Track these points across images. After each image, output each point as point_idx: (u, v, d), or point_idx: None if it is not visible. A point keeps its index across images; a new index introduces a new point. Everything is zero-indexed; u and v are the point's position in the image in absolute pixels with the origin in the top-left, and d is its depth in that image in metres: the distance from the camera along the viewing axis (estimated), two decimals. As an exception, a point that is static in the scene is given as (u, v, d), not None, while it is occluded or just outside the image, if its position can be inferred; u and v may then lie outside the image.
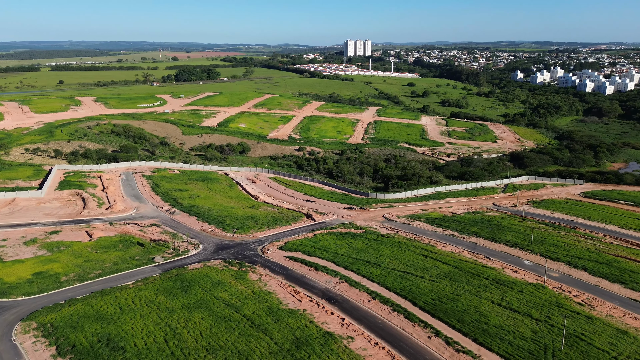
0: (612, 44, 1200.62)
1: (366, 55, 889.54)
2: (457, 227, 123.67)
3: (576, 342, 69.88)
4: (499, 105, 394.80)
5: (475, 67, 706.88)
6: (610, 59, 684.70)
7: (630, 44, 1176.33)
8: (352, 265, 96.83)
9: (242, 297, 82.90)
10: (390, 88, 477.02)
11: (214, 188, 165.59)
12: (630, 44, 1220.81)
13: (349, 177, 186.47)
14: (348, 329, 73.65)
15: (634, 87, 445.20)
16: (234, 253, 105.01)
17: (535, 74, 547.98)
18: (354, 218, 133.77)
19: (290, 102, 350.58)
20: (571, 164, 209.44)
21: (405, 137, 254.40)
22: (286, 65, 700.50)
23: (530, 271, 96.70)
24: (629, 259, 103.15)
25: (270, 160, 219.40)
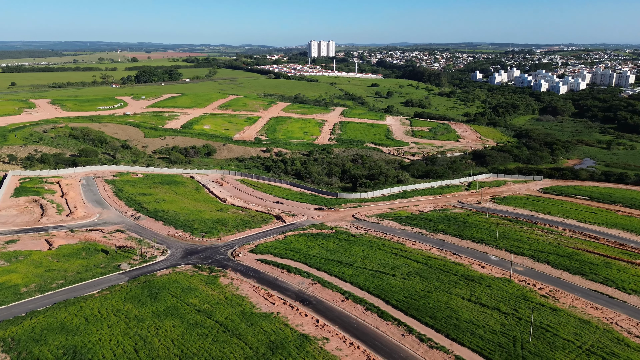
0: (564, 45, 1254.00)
1: (330, 56, 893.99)
2: (425, 225, 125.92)
3: (543, 333, 72.38)
4: (460, 105, 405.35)
5: (437, 67, 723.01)
6: (562, 59, 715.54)
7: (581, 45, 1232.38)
8: (325, 266, 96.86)
9: (214, 302, 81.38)
10: (355, 89, 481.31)
11: (179, 191, 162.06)
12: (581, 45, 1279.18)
13: (318, 177, 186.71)
14: (323, 330, 73.57)
15: (586, 87, 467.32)
16: (203, 258, 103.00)
17: (493, 75, 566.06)
18: (324, 218, 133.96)
19: (255, 103, 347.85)
20: (530, 161, 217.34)
21: (371, 137, 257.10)
22: (250, 66, 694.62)
23: (496, 266, 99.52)
24: (587, 252, 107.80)
25: (236, 162, 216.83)
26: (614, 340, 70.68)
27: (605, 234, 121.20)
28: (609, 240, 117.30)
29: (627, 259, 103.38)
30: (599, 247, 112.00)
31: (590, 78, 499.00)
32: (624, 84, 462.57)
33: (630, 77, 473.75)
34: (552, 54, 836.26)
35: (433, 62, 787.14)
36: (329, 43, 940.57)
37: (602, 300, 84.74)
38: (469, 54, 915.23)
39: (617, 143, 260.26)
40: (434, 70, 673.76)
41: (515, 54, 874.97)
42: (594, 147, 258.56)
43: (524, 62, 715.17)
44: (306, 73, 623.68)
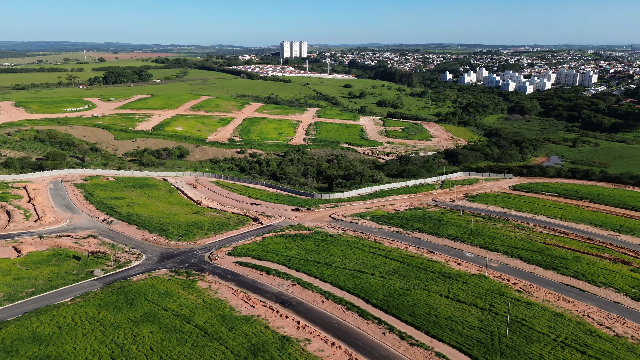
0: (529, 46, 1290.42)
1: (302, 56, 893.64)
2: (402, 224, 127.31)
3: (519, 327, 74.20)
4: (431, 105, 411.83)
5: (408, 68, 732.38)
6: (528, 60, 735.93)
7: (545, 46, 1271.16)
8: (304, 266, 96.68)
9: (193, 306, 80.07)
10: (328, 89, 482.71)
11: (153, 195, 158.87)
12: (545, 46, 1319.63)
13: (293, 178, 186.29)
14: (304, 331, 73.40)
15: (551, 86, 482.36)
16: (180, 261, 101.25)
17: (463, 75, 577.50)
18: (302, 219, 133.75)
19: (228, 104, 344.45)
20: (500, 159, 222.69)
21: (345, 137, 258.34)
22: (222, 66, 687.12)
23: (472, 263, 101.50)
24: (558, 246, 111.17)
25: (210, 164, 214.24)
26: (587, 332, 73.10)
27: (574, 229, 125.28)
28: (578, 235, 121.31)
29: (595, 253, 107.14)
30: (569, 241, 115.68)
31: (555, 78, 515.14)
32: (587, 84, 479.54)
33: (593, 77, 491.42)
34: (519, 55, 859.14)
35: (404, 63, 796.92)
36: (301, 43, 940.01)
37: (574, 293, 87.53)
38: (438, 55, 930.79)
39: (582, 141, 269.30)
40: (405, 70, 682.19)
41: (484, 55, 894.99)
42: (560, 145, 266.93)
43: (491, 62, 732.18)
44: (279, 73, 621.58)
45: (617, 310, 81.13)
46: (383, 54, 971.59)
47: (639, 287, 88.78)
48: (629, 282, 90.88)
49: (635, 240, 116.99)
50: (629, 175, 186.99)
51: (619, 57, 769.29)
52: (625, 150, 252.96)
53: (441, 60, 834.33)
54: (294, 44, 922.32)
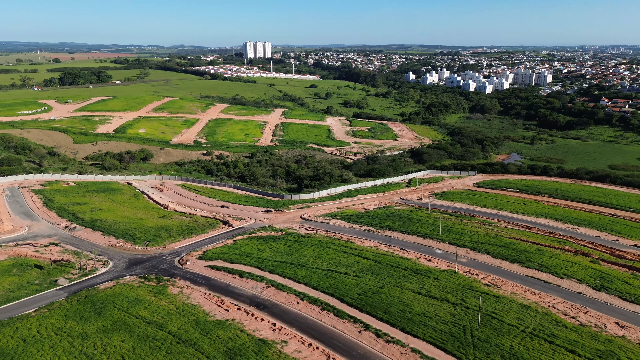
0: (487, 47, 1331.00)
1: (266, 57, 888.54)
2: (372, 223, 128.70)
3: (489, 320, 76.43)
4: (395, 105, 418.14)
5: (371, 69, 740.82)
6: (487, 61, 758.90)
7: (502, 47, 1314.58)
8: (277, 268, 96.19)
9: (165, 313, 78.23)
10: (294, 90, 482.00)
11: (117, 199, 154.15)
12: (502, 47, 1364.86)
13: (262, 179, 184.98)
14: (280, 333, 73.04)
15: (509, 86, 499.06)
16: (149, 267, 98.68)
17: (425, 75, 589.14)
18: (273, 221, 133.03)
19: (192, 105, 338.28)
20: (463, 158, 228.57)
21: (313, 137, 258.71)
22: (184, 67, 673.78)
23: (442, 259, 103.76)
24: (522, 241, 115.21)
25: (176, 167, 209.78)
26: (553, 323, 76.08)
27: (536, 223, 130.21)
28: (540, 229, 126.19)
29: (557, 246, 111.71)
30: (532, 236, 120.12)
31: (513, 78, 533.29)
32: (542, 83, 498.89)
33: (548, 77, 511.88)
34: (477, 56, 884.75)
35: (368, 64, 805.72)
36: (265, 44, 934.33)
37: (539, 285, 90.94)
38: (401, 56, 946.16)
39: (539, 138, 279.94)
40: (369, 71, 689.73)
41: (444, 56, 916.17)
42: (519, 142, 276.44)
43: (452, 63, 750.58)
44: (243, 74, 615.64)
45: (580, 300, 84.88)
46: (347, 54, 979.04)
47: (599, 277, 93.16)
48: (589, 273, 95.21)
49: (593, 232, 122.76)
50: (584, 170, 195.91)
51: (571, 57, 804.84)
52: (579, 146, 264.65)
53: (404, 61, 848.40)
54: (258, 44, 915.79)
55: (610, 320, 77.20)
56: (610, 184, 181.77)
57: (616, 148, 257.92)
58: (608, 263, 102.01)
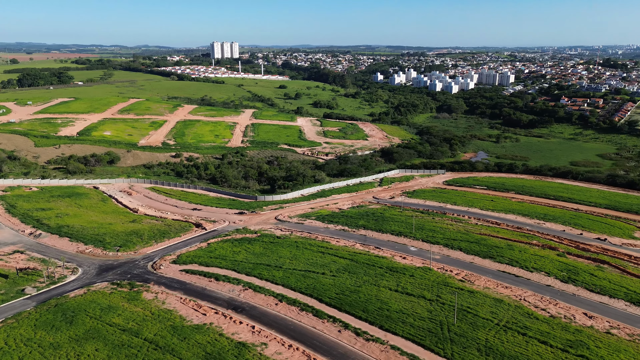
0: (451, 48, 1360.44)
1: (234, 57, 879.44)
2: (347, 222, 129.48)
3: (465, 315, 78.23)
4: (365, 105, 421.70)
5: (340, 69, 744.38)
6: (452, 61, 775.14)
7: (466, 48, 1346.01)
8: (254, 270, 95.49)
9: (140, 319, 76.40)
10: (263, 90, 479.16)
11: (84, 204, 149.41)
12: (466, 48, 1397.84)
13: (234, 181, 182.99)
14: (260, 335, 72.57)
15: (474, 86, 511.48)
16: (121, 273, 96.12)
17: (393, 76, 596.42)
18: (247, 222, 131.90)
19: (159, 107, 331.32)
20: (432, 156, 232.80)
21: (284, 138, 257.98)
22: (150, 67, 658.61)
23: (416, 256, 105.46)
24: (492, 236, 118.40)
25: (144, 170, 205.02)
26: (525, 315, 78.57)
27: (505, 219, 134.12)
28: (508, 224, 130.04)
29: (525, 241, 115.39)
30: (501, 231, 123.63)
31: (477, 78, 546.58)
32: (505, 83, 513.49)
33: (511, 77, 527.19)
34: (443, 56, 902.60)
35: (336, 64, 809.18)
36: (233, 44, 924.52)
37: (510, 279, 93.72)
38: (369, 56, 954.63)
39: (504, 137, 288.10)
40: (338, 72, 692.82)
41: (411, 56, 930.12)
42: (485, 141, 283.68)
43: (419, 63, 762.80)
44: (211, 75, 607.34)
45: (550, 292, 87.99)
46: (315, 55, 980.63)
47: (566, 270, 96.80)
48: (557, 266, 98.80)
49: (559, 227, 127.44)
50: (548, 167, 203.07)
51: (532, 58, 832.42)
52: (542, 144, 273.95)
53: (371, 61, 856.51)
54: (225, 44, 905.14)
55: (578, 311, 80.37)
56: (572, 179, 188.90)
57: (576, 145, 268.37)
58: (574, 256, 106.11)
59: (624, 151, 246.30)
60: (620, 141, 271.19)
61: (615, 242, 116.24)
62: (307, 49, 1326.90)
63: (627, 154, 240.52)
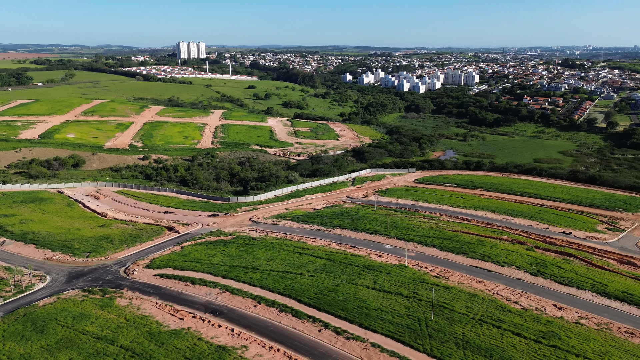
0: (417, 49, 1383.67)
1: (201, 57, 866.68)
2: (322, 222, 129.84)
3: (441, 310, 79.83)
4: (335, 105, 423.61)
5: (309, 70, 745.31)
6: (419, 62, 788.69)
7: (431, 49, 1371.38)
8: (230, 273, 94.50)
9: (115, 326, 74.38)
10: (232, 91, 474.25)
11: (49, 209, 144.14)
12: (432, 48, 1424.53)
13: (205, 183, 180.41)
14: (240, 338, 71.93)
15: (440, 86, 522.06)
16: (92, 280, 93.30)
17: (361, 76, 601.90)
18: (221, 225, 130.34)
19: (125, 108, 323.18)
20: (402, 155, 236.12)
21: (255, 139, 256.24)
22: (113, 68, 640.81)
23: (391, 254, 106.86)
24: (464, 233, 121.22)
25: (111, 173, 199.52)
26: (499, 308, 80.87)
27: (475, 216, 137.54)
28: (478, 220, 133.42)
29: (495, 236, 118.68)
30: (472, 227, 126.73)
31: (444, 78, 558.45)
32: (470, 83, 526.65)
33: (475, 77, 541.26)
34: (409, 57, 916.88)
35: (305, 65, 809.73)
36: (199, 44, 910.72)
37: (483, 274, 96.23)
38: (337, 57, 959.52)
39: (471, 135, 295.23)
40: (307, 72, 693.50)
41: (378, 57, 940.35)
42: (452, 139, 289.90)
43: (386, 64, 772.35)
44: (178, 75, 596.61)
45: (521, 286, 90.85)
46: (284, 55, 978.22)
47: (535, 263, 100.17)
48: (526, 260, 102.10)
49: (526, 222, 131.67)
50: (513, 164, 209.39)
51: (495, 58, 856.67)
52: (507, 142, 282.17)
53: (340, 62, 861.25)
54: (192, 44, 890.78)
55: (548, 303, 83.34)
56: (536, 176, 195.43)
57: (539, 143, 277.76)
58: (541, 250, 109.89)
59: (583, 148, 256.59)
60: (580, 138, 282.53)
61: (580, 235, 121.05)
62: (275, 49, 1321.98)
63: (586, 150, 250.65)
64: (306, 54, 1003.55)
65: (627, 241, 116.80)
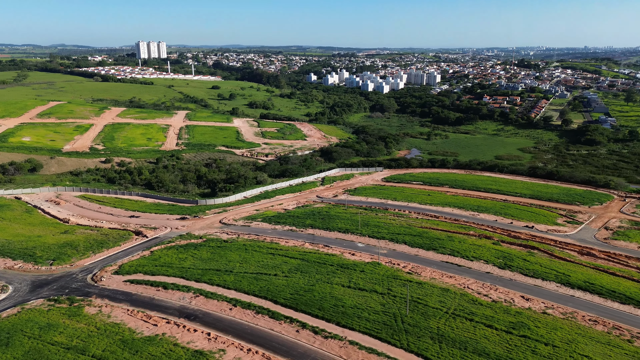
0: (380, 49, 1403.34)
1: (162, 57, 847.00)
2: (294, 222, 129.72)
3: (416, 306, 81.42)
4: (301, 105, 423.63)
5: (273, 70, 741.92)
6: (382, 62, 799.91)
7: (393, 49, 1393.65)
8: (203, 276, 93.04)
9: (85, 335, 71.87)
10: (196, 91, 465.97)
11: (6, 216, 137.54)
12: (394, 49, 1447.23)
13: (172, 186, 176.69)
14: (217, 342, 70.99)
15: (404, 86, 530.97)
16: (58, 288, 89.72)
17: (326, 76, 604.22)
18: (190, 228, 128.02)
19: (84, 110, 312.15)
20: (370, 155, 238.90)
21: (221, 140, 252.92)
22: (70, 68, 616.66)
23: (364, 252, 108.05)
24: (433, 229, 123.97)
25: (71, 177, 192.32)
26: (470, 302, 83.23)
27: (442, 212, 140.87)
28: (446, 217, 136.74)
29: (463, 232, 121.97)
30: (440, 224, 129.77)
31: (407, 78, 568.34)
32: (432, 83, 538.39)
33: (437, 77, 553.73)
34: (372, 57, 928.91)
35: (269, 65, 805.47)
36: (160, 44, 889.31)
37: (453, 269, 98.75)
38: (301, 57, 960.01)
39: (435, 134, 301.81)
40: (271, 72, 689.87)
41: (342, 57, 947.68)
42: (417, 138, 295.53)
43: (350, 64, 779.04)
44: (139, 75, 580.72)
45: (490, 279, 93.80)
46: (247, 55, 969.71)
47: (502, 257, 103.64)
48: (493, 254, 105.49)
49: (491, 217, 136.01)
50: (476, 162, 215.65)
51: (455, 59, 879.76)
52: (469, 140, 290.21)
53: (304, 62, 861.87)
54: (152, 44, 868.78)
55: (516, 295, 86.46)
56: (498, 172, 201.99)
57: (499, 140, 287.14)
58: (507, 244, 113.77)
59: (541, 145, 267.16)
60: (537, 135, 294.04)
61: (542, 228, 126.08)
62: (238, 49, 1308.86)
63: (543, 147, 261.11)
64: (270, 54, 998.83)
65: (586, 233, 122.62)
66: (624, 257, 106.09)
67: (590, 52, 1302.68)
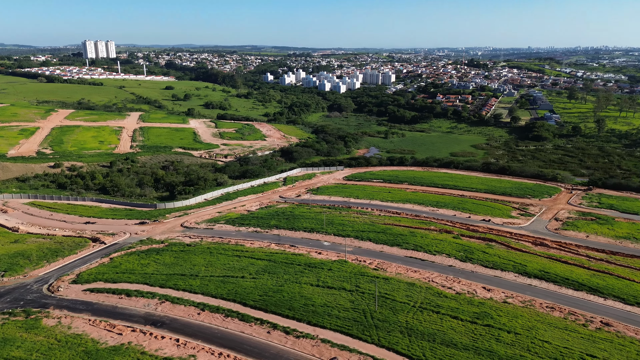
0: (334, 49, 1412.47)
1: (111, 57, 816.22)
2: (258, 223, 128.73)
3: (384, 301, 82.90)
4: (258, 105, 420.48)
5: (228, 70, 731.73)
6: (337, 62, 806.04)
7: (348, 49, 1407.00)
8: (168, 281, 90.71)
9: (45, 349, 68.46)
10: (148, 92, 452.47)
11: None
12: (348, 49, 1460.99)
13: (128, 190, 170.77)
14: (186, 348, 69.51)
15: (360, 86, 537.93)
16: (11, 300, 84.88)
17: (283, 76, 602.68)
18: (150, 232, 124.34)
19: (29, 112, 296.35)
20: (330, 154, 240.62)
21: (178, 141, 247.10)
22: (11, 68, 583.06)
23: (330, 250, 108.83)
24: (395, 225, 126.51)
25: (18, 183, 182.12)
26: (435, 295, 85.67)
27: (403, 209, 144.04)
28: (407, 213, 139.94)
29: (424, 227, 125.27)
30: (402, 220, 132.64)
31: (363, 78, 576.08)
32: (388, 83, 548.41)
33: (392, 77, 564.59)
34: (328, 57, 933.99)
35: (224, 64, 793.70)
36: (108, 43, 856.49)
37: (418, 264, 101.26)
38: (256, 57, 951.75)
39: (392, 132, 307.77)
40: (226, 72, 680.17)
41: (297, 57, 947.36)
42: (375, 137, 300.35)
43: (306, 64, 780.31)
44: (87, 76, 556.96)
45: (452, 272, 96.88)
46: (201, 55, 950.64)
47: (463, 250, 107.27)
48: (455, 248, 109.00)
49: (450, 212, 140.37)
50: (433, 159, 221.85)
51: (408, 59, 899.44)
52: (425, 138, 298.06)
53: (260, 61, 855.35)
54: (100, 43, 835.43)
55: (478, 286, 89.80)
56: (454, 169, 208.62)
57: (453, 138, 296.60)
58: (466, 237, 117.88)
59: (492, 141, 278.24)
60: (489, 132, 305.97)
61: (497, 222, 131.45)
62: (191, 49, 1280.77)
63: (495, 143, 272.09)
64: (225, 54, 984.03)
65: (538, 224, 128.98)
66: (574, 246, 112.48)
67: (533, 52, 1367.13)
